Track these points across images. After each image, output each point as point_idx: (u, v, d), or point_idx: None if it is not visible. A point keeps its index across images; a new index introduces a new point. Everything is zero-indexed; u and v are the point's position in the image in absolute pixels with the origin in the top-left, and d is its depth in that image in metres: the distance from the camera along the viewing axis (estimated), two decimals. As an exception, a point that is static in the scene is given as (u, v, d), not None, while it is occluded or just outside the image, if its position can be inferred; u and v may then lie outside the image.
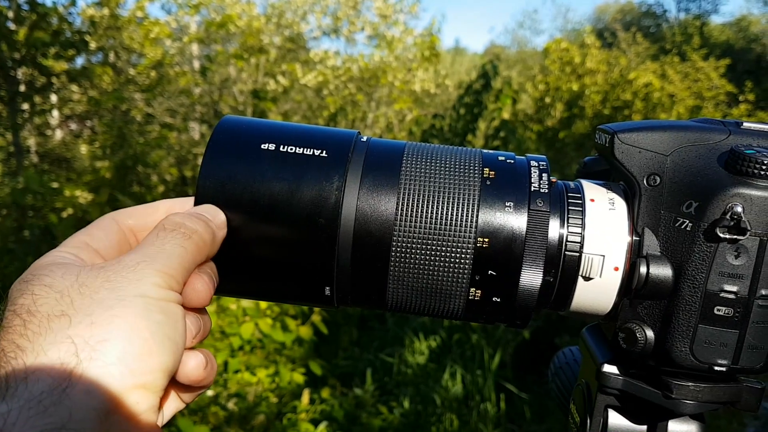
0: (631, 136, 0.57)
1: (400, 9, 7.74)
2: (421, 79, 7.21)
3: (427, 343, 4.38)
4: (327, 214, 0.54)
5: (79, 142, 6.30)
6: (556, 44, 8.26)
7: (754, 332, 0.52)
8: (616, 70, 8.10)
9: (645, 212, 0.55)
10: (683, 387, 0.55)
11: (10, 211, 4.41)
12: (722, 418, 3.78)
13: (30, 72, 5.00)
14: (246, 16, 6.61)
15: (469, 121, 5.46)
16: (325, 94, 6.87)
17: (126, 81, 5.99)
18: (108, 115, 5.40)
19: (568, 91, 7.82)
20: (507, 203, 0.55)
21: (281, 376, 3.11)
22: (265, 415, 2.96)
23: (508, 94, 4.85)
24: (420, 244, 0.55)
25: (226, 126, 0.58)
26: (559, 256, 0.56)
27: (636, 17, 20.71)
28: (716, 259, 0.51)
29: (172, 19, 6.65)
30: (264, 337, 3.17)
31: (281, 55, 7.19)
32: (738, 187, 0.51)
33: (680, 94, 8.03)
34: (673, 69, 9.05)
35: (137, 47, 6.14)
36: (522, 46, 28.17)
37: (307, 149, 0.56)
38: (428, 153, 0.59)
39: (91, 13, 5.79)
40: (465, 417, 3.63)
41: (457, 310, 0.58)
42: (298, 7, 7.56)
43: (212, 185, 0.55)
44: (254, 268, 0.56)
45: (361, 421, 3.49)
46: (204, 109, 6.60)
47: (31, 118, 5.41)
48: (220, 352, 2.97)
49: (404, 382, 4.01)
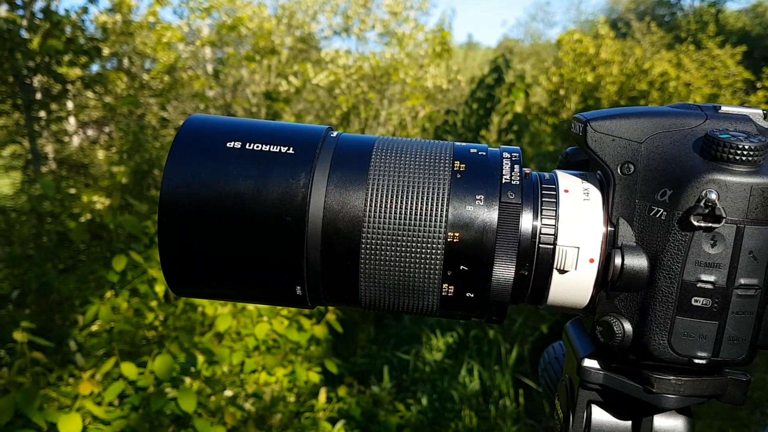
0: (604, 124, 0.55)
1: (410, 5, 7.71)
2: (432, 75, 7.17)
3: (444, 339, 4.37)
4: (294, 211, 0.53)
5: (96, 148, 6.36)
6: (569, 36, 8.19)
7: (734, 323, 0.51)
8: (631, 61, 8.00)
9: (619, 202, 0.54)
10: (664, 381, 0.54)
11: (29, 218, 4.46)
12: (744, 409, 3.72)
13: (45, 80, 5.06)
14: (257, 18, 6.62)
15: (483, 115, 5.44)
16: (337, 93, 6.87)
17: (140, 86, 6.03)
18: (123, 121, 5.45)
19: (582, 83, 7.75)
20: (477, 196, 0.54)
21: (297, 376, 3.12)
22: (282, 415, 2.97)
23: (521, 88, 4.81)
24: (390, 241, 0.54)
25: (191, 125, 0.57)
26: (533, 249, 0.55)
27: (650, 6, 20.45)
28: (692, 248, 0.50)
29: (184, 23, 6.68)
30: (279, 337, 3.17)
31: (293, 55, 7.19)
32: (713, 173, 0.49)
33: (696, 82, 7.93)
34: (688, 57, 8.93)
35: (150, 52, 6.18)
36: (535, 39, 27.98)
37: (274, 146, 0.55)
38: (399, 147, 0.57)
39: (104, 19, 5.83)
40: (483, 413, 3.61)
41: (431, 307, 0.57)
42: (309, 7, 7.56)
43: (177, 186, 0.54)
44: (223, 269, 0.55)
45: (379, 419, 3.49)
46: (218, 112, 6.63)
47: (48, 125, 5.47)
48: (235, 353, 2.98)
49: (421, 379, 4.00)
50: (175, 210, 0.54)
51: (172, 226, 0.54)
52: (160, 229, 0.53)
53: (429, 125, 6.10)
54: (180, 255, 0.55)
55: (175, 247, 0.54)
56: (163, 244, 0.54)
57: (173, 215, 0.54)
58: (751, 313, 0.51)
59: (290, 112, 6.45)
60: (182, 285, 0.57)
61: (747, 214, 0.49)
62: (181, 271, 0.56)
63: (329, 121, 7.03)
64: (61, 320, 3.61)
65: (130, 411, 2.29)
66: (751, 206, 0.49)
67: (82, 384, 2.22)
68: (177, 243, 0.54)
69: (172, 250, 0.55)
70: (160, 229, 0.53)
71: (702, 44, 10.28)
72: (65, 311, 3.60)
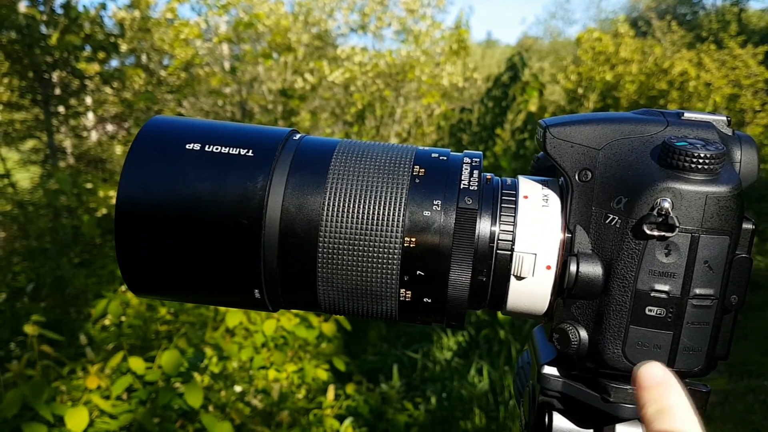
0: (563, 130, 0.54)
1: (427, 3, 7.69)
2: (449, 73, 7.14)
3: (455, 338, 4.36)
4: (250, 214, 0.53)
5: (114, 143, 6.42)
6: (589, 34, 8.11)
7: (689, 333, 0.50)
8: (650, 60, 7.91)
9: (577, 209, 0.53)
10: (621, 390, 0.53)
11: (46, 212, 4.52)
12: (757, 413, 3.67)
13: (64, 75, 5.12)
14: (274, 15, 6.64)
15: (498, 114, 5.41)
16: (353, 90, 6.86)
17: (158, 82, 6.08)
18: (141, 116, 5.49)
19: (601, 82, 7.68)
20: (435, 201, 0.54)
21: (306, 373, 3.13)
22: (289, 412, 2.98)
23: (535, 87, 4.78)
24: (347, 245, 0.54)
25: (152, 127, 0.57)
26: (490, 254, 0.54)
27: (671, 5, 20.19)
28: (645, 257, 0.49)
29: (201, 20, 6.72)
30: (288, 334, 3.19)
31: (309, 52, 7.20)
32: (668, 181, 0.48)
33: (717, 82, 7.82)
34: (709, 57, 8.80)
35: (168, 48, 6.23)
36: (555, 37, 27.79)
37: (233, 149, 0.55)
38: (360, 151, 0.57)
39: (122, 15, 5.89)
40: (493, 413, 3.60)
41: (390, 312, 0.57)
42: (326, 4, 7.57)
43: (134, 187, 0.54)
44: (181, 271, 0.55)
45: (387, 417, 3.49)
46: (234, 108, 6.66)
47: (67, 120, 5.53)
48: (244, 349, 3.00)
49: (431, 378, 4.00)
50: (132, 212, 0.54)
51: (130, 228, 0.54)
52: (116, 231, 0.54)
53: (444, 123, 6.07)
54: (138, 257, 0.55)
55: (133, 249, 0.55)
56: (120, 246, 0.54)
57: (130, 217, 0.54)
58: (707, 323, 0.50)
59: (306, 109, 6.47)
60: (141, 287, 0.58)
61: (702, 223, 0.48)
62: (139, 274, 0.56)
63: (344, 118, 7.04)
64: (75, 314, 3.65)
65: (137, 405, 2.31)
66: (706, 215, 0.48)
67: (89, 378, 2.25)
68: (135, 245, 0.54)
69: (129, 253, 0.55)
70: (117, 231, 0.54)
71: (723, 43, 10.14)
72: (80, 305, 3.65)
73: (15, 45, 4.54)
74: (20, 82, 4.99)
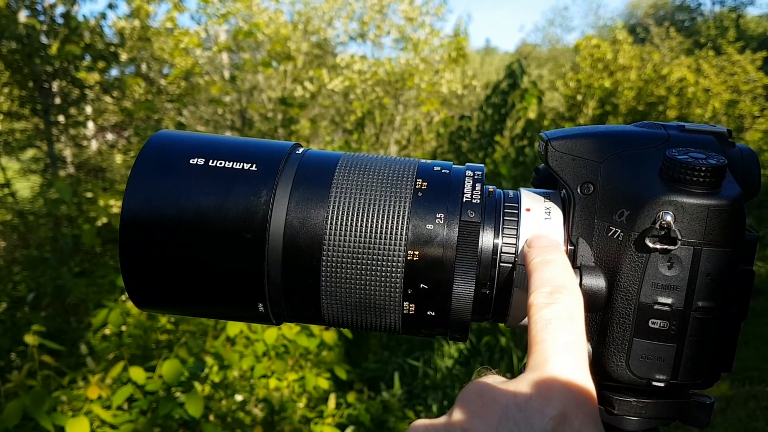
0: (564, 144, 0.55)
1: (426, 11, 7.72)
2: (448, 80, 7.16)
3: (456, 346, 4.36)
4: (254, 228, 0.53)
5: (114, 152, 6.43)
6: (587, 41, 8.14)
7: (693, 346, 0.50)
8: (649, 66, 7.94)
9: (579, 221, 0.53)
10: (625, 402, 0.53)
11: (46, 221, 4.52)
12: (759, 420, 3.67)
13: (64, 84, 5.12)
14: (273, 24, 6.66)
15: (497, 121, 5.42)
16: (352, 98, 6.88)
17: (157, 91, 6.09)
18: (141, 125, 5.50)
19: (600, 88, 7.70)
20: (438, 215, 0.54)
21: (306, 381, 3.13)
22: (290, 421, 2.98)
23: (534, 94, 4.79)
24: (351, 259, 0.54)
25: (156, 141, 0.58)
26: (493, 267, 0.55)
27: (669, 12, 20.27)
28: (648, 269, 0.49)
29: (201, 29, 6.73)
30: (289, 342, 3.18)
31: (308, 61, 7.22)
32: (670, 194, 0.49)
33: (716, 88, 7.84)
34: (708, 63, 8.84)
35: (168, 57, 6.24)
36: (553, 44, 27.88)
37: (237, 163, 0.55)
38: (363, 164, 0.58)
39: (122, 25, 5.90)
40: (494, 421, 3.59)
41: (394, 325, 0.57)
42: (325, 13, 7.60)
43: (138, 202, 0.54)
44: (185, 286, 0.55)
45: (388, 425, 3.48)
46: (234, 116, 6.67)
47: (67, 129, 5.54)
48: (245, 358, 3.00)
49: (432, 386, 3.99)
50: (136, 226, 0.54)
51: (134, 242, 0.54)
52: (121, 245, 0.54)
53: (443, 130, 6.08)
54: (141, 271, 0.55)
55: (137, 264, 0.55)
56: (124, 260, 0.54)
57: (135, 232, 0.54)
58: (710, 336, 0.50)
59: (305, 117, 6.48)
60: (145, 301, 0.58)
61: (704, 236, 0.48)
62: (143, 288, 0.56)
63: (343, 126, 7.05)
64: (76, 323, 3.65)
65: (138, 415, 2.31)
66: (708, 228, 0.48)
67: (90, 388, 2.24)
68: (138, 259, 0.55)
69: (133, 267, 0.55)
70: (121, 246, 0.54)
71: (722, 50, 10.18)
72: (80, 314, 3.65)
73: (15, 55, 4.54)
74: (20, 92, 4.99)
